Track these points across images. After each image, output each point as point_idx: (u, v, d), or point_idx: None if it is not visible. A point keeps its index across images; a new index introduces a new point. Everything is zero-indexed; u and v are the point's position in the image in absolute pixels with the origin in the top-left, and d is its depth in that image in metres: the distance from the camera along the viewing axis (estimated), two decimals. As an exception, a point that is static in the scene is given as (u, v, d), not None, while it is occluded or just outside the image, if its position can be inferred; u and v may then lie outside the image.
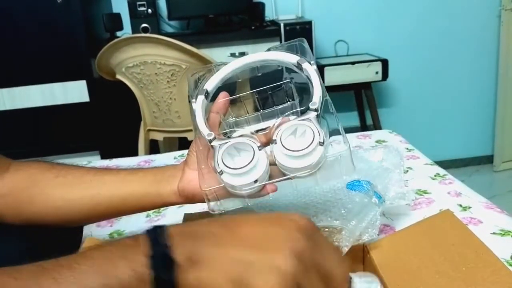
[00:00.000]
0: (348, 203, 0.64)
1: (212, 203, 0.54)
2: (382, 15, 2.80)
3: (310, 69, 0.54)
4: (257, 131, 0.57)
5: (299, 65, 0.54)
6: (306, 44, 0.57)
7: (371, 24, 2.80)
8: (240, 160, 0.50)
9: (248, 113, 0.57)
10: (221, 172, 0.50)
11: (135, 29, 2.40)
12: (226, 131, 0.57)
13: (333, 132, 0.53)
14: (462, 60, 2.91)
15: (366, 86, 2.59)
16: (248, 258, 0.36)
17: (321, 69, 2.38)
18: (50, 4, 2.05)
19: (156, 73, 1.94)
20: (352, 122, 2.86)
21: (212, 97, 0.58)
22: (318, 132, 0.50)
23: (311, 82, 0.54)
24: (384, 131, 1.35)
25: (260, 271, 0.35)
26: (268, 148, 0.53)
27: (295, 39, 0.58)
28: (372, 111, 2.63)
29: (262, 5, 2.56)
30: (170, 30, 2.72)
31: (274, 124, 0.54)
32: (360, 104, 2.81)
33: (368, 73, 2.47)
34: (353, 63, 2.46)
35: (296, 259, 0.35)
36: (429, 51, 2.87)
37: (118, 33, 2.40)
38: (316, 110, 0.52)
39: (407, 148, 1.15)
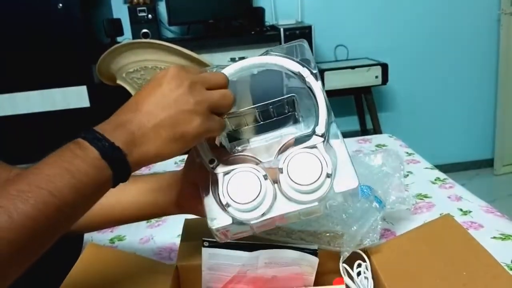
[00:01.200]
0: (349, 208, 0.64)
1: (219, 235, 0.51)
2: (382, 20, 2.80)
3: (315, 85, 0.52)
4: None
5: (301, 76, 0.52)
6: (306, 45, 0.55)
7: (370, 29, 2.81)
8: (246, 193, 0.48)
9: (247, 124, 0.55)
10: (227, 205, 0.49)
11: (135, 35, 2.41)
12: (225, 145, 0.55)
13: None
14: (462, 64, 2.91)
15: (366, 91, 2.59)
16: (165, 115, 0.44)
17: (321, 74, 2.37)
18: (50, 9, 2.06)
19: (156, 78, 1.94)
20: (352, 126, 2.86)
21: None
22: (326, 162, 0.48)
23: (316, 100, 0.51)
24: (384, 135, 1.36)
25: (182, 118, 0.44)
26: (271, 162, 0.52)
27: (295, 40, 0.55)
28: (372, 115, 2.63)
29: (262, 10, 2.57)
30: (170, 35, 2.73)
31: (280, 147, 0.52)
32: (360, 108, 2.82)
33: (368, 77, 2.47)
34: (353, 67, 2.47)
35: (181, 86, 0.45)
36: (429, 55, 2.87)
37: (119, 39, 2.41)
38: (322, 135, 0.50)
39: (407, 152, 1.16)
